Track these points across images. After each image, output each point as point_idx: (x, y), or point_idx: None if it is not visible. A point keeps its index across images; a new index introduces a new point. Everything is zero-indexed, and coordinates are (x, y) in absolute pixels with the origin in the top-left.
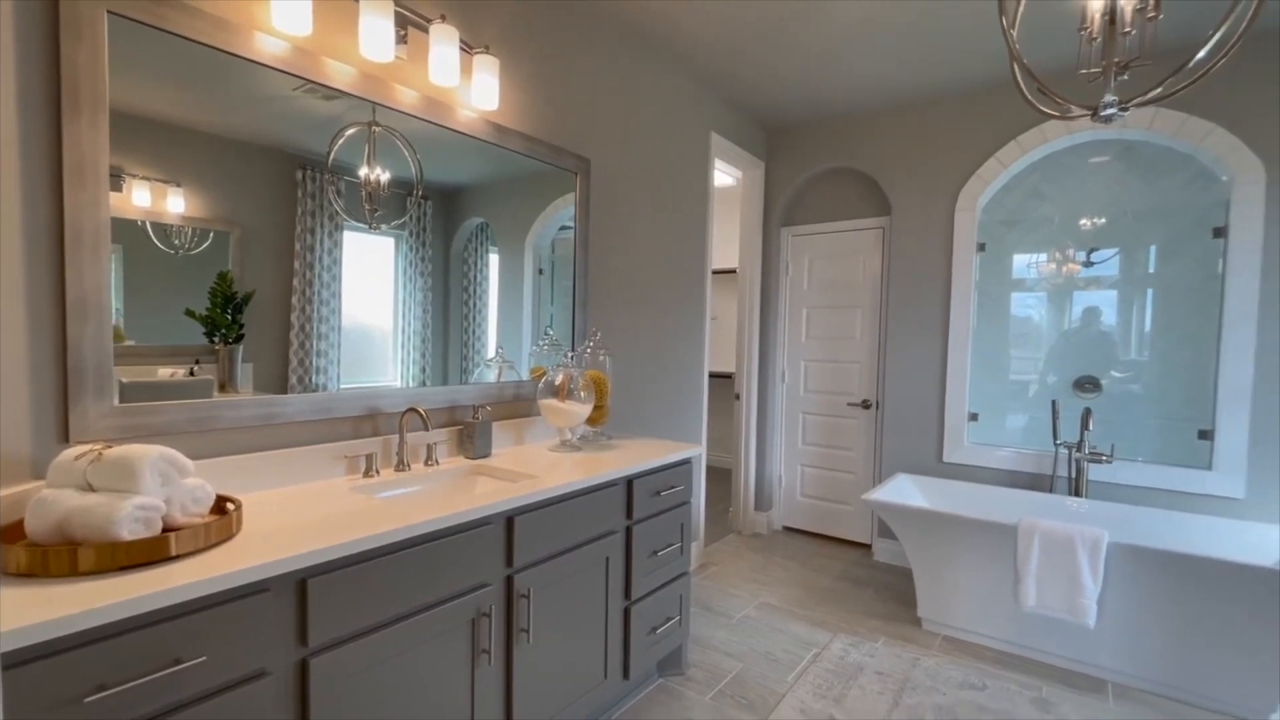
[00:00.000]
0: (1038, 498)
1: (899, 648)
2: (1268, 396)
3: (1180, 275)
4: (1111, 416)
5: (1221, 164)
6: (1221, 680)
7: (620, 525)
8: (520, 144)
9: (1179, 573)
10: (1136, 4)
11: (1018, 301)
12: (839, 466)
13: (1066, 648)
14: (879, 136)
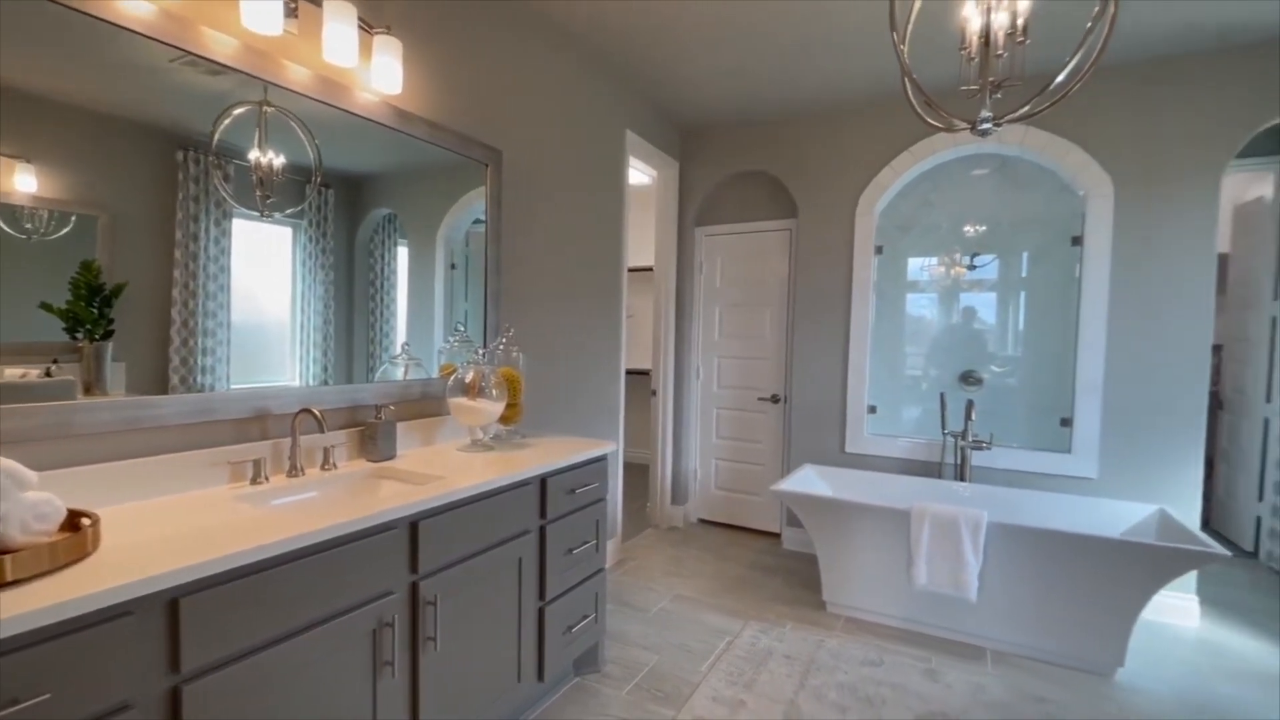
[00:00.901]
0: (929, 483)
1: (806, 631)
2: (1116, 388)
3: (1046, 279)
4: (991, 407)
5: (1078, 179)
6: (1079, 640)
7: (534, 525)
8: (426, 131)
9: (1044, 547)
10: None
11: (911, 301)
12: (750, 459)
13: (952, 620)
14: (787, 142)
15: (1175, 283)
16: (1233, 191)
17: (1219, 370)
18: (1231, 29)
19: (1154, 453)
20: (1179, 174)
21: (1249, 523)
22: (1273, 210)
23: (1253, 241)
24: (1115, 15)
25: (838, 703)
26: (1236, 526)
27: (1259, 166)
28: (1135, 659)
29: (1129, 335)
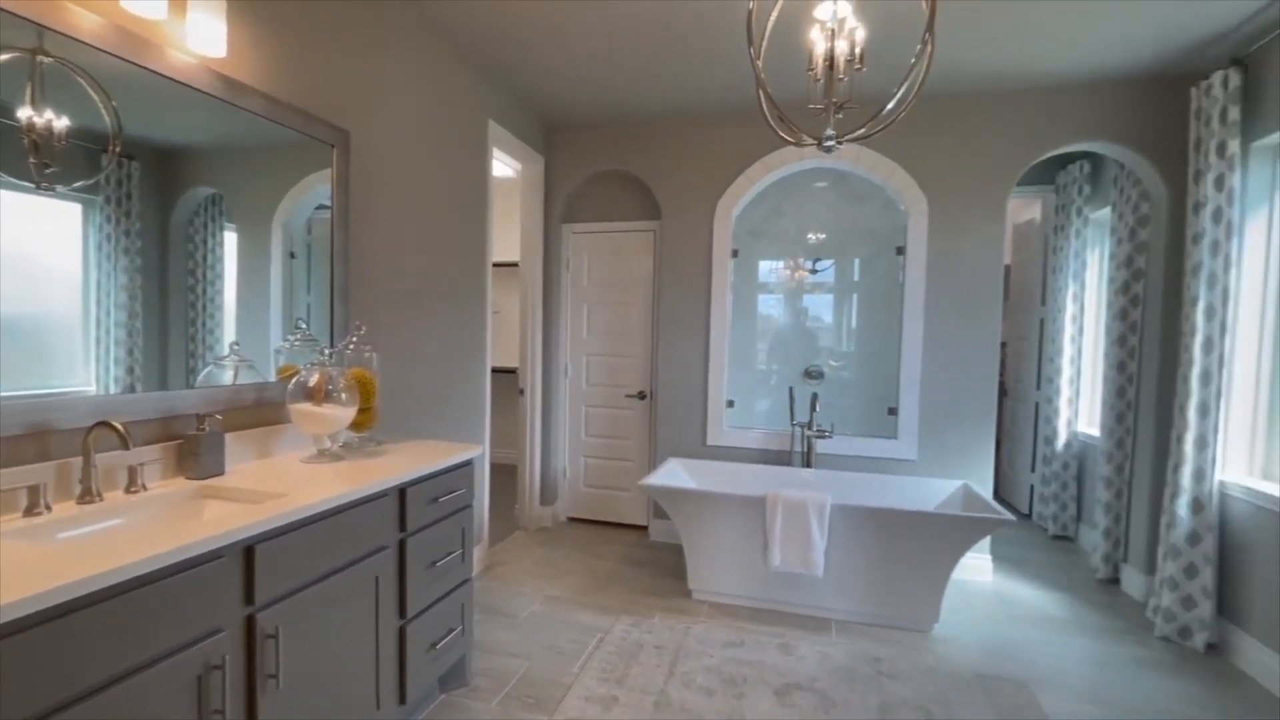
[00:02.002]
0: (780, 471)
1: (674, 620)
2: (932, 380)
3: (875, 283)
4: (831, 399)
5: (901, 196)
6: (904, 604)
7: (392, 539)
8: (260, 105)
9: (875, 523)
10: (847, 56)
11: (762, 302)
12: (618, 455)
13: (803, 596)
14: (651, 145)
15: (975, 289)
16: (1012, 213)
17: (1004, 364)
18: (1014, 76)
19: (959, 435)
20: (978, 196)
21: (1025, 490)
22: (1040, 231)
23: (1027, 256)
24: (932, 53)
25: (705, 686)
26: (1016, 494)
27: (1031, 194)
28: (946, 614)
29: (941, 334)
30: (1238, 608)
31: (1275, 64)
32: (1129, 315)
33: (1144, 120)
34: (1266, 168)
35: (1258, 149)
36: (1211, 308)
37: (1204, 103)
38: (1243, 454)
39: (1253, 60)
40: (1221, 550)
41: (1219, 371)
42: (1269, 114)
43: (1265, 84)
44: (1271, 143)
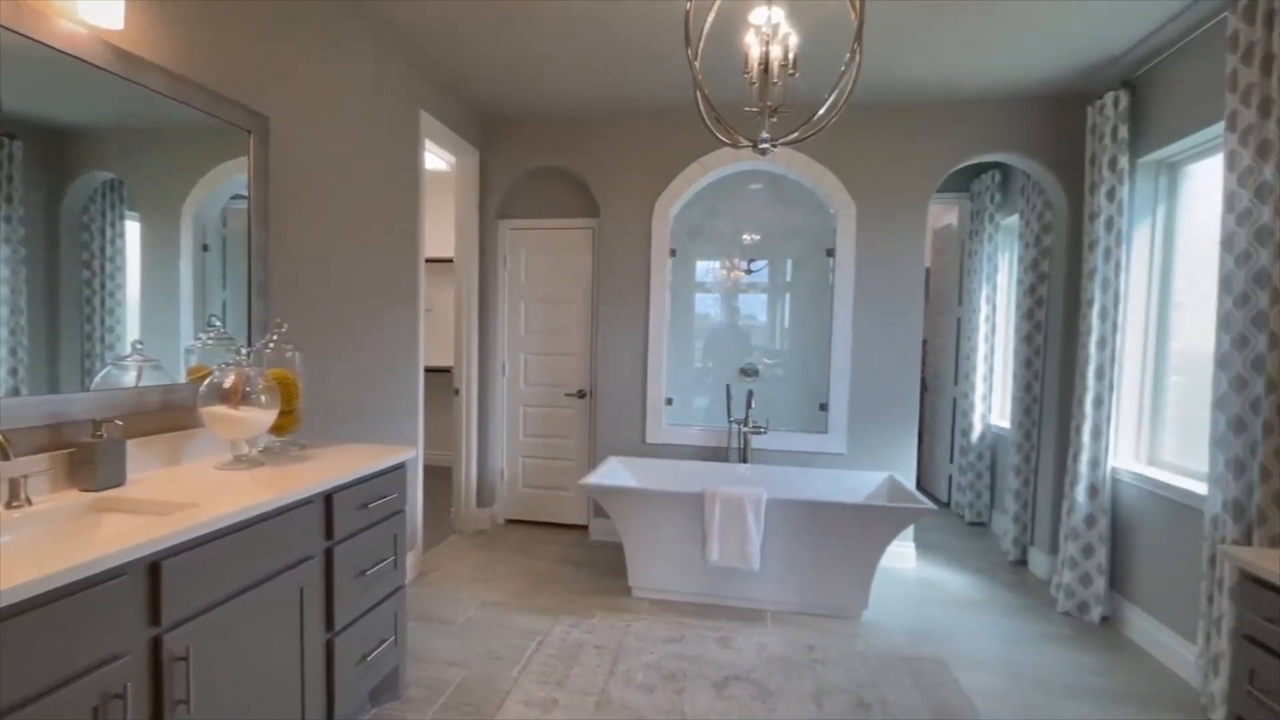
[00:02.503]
0: (718, 467)
1: (614, 618)
2: (860, 376)
3: (807, 284)
4: (766, 396)
5: (831, 199)
6: (835, 592)
7: (318, 548)
8: (162, 82)
9: (808, 516)
10: (781, 61)
11: (699, 301)
12: (558, 455)
13: (740, 590)
14: (590, 142)
15: (899, 290)
16: (932, 219)
17: (925, 361)
18: (935, 88)
19: (885, 429)
20: (901, 201)
21: (944, 480)
22: (957, 236)
23: (945, 259)
24: (860, 62)
25: (645, 683)
26: (936, 484)
27: (949, 200)
28: (874, 601)
29: (868, 333)
30: (1127, 583)
31: (1158, 88)
32: (1035, 315)
33: (1047, 135)
34: (1151, 182)
35: (1144, 164)
36: (1105, 309)
37: (1098, 120)
38: (1131, 442)
39: (1139, 83)
40: (1114, 531)
41: (1111, 367)
42: (1153, 133)
43: (1150, 105)
44: (1155, 159)
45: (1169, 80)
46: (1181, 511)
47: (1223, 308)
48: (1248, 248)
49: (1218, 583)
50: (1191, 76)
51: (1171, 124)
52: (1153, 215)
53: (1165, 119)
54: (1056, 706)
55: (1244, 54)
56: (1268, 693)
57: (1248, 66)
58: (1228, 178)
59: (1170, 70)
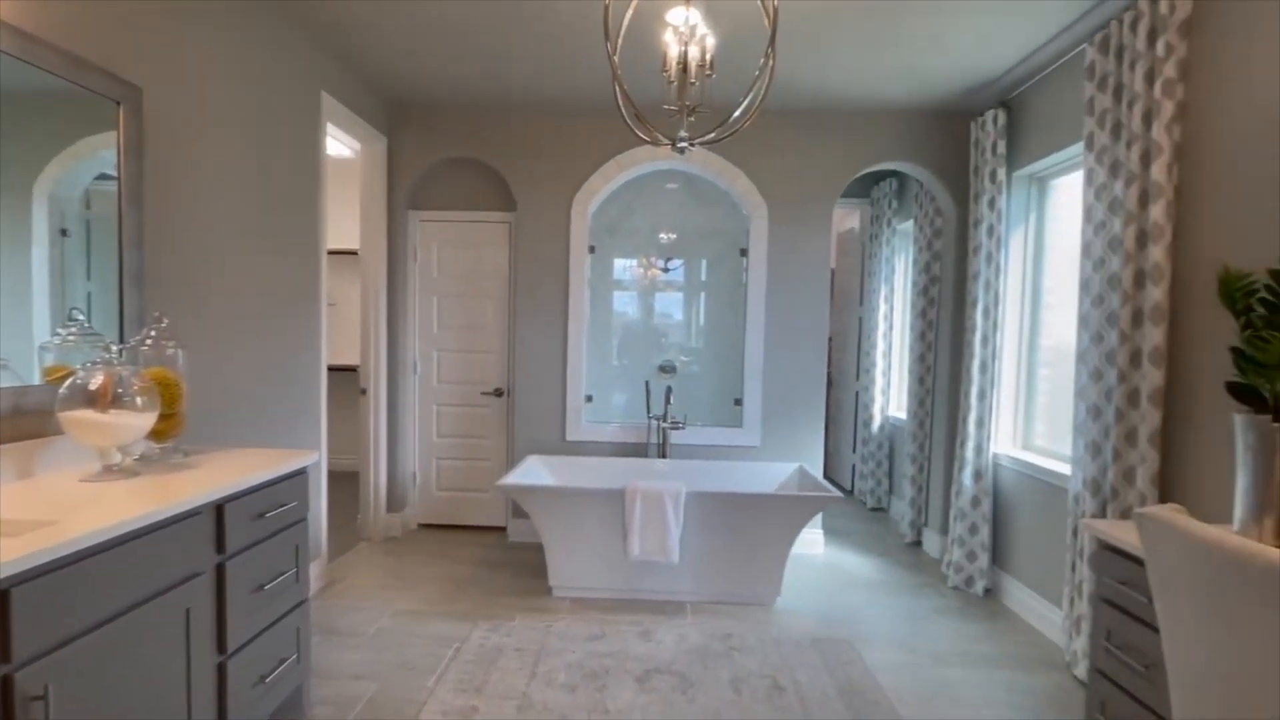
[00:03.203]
0: (637, 463)
1: (534, 619)
2: (772, 372)
3: (721, 283)
4: (684, 392)
5: (745, 201)
6: (750, 581)
7: (207, 564)
8: (14, 43)
9: (724, 508)
10: (699, 61)
11: (617, 298)
12: (474, 455)
13: (660, 583)
14: (506, 134)
15: (807, 290)
16: (836, 222)
17: (831, 357)
18: (841, 98)
19: (795, 422)
20: (809, 205)
21: (848, 469)
22: (859, 239)
23: (848, 261)
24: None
25: (567, 683)
26: (841, 472)
27: (852, 205)
28: (787, 587)
29: (779, 330)
30: (1006, 557)
31: (1029, 109)
32: (928, 314)
33: (937, 147)
34: (1024, 193)
35: (1018, 177)
36: (987, 308)
37: (980, 135)
38: (1009, 429)
39: (1014, 103)
40: (995, 510)
41: (993, 362)
42: (1025, 149)
43: (1023, 124)
44: (1027, 172)
45: (1038, 102)
46: (1050, 490)
47: (1082, 308)
48: (1102, 255)
49: (1079, 552)
50: (1057, 100)
51: (1040, 142)
52: (1026, 224)
53: (1035, 137)
54: (947, 674)
55: (1099, 82)
56: (1122, 648)
57: (1103, 93)
58: (1086, 192)
59: (1039, 94)
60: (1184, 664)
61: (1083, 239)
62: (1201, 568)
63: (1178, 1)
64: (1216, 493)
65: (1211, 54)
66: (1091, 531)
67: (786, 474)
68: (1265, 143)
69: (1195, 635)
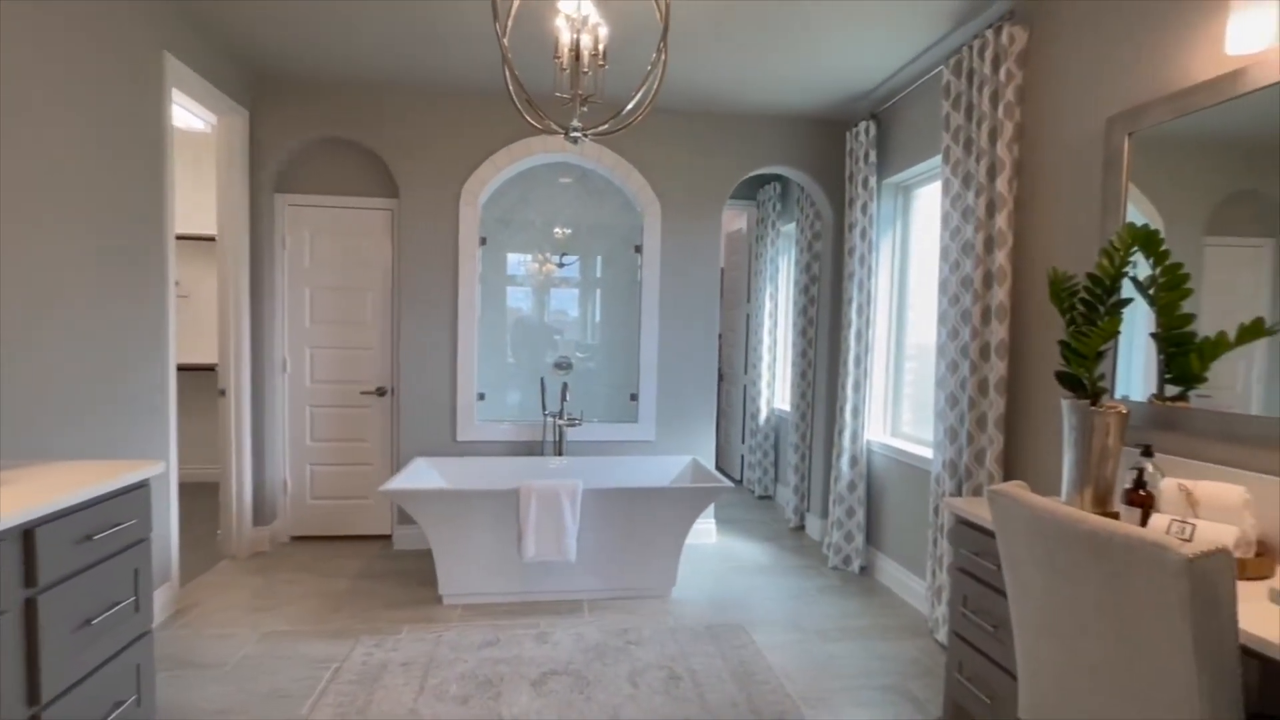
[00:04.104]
0: (533, 461)
1: (422, 631)
2: (667, 367)
3: (616, 279)
4: (580, 388)
5: (638, 198)
6: (647, 574)
7: (14, 601)
8: None
9: (620, 502)
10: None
11: (511, 294)
12: (355, 460)
13: (557, 583)
14: (389, 115)
15: (698, 287)
16: (726, 223)
17: (721, 353)
18: (732, 102)
19: (688, 416)
20: (701, 204)
21: (738, 460)
22: (746, 240)
23: (736, 260)
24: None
25: (459, 695)
26: (732, 463)
27: (739, 207)
28: (682, 577)
29: (673, 326)
30: (879, 536)
31: (896, 122)
32: (809, 312)
33: (817, 153)
34: (891, 200)
35: (887, 185)
36: (860, 306)
37: (854, 145)
38: (880, 417)
39: (883, 116)
40: (869, 493)
41: (866, 356)
42: (892, 160)
43: (890, 136)
44: (894, 181)
45: (904, 116)
46: (915, 473)
47: (941, 306)
48: (957, 258)
49: (940, 528)
50: (919, 115)
51: (905, 153)
52: (894, 229)
53: (901, 148)
54: (830, 649)
55: (954, 101)
56: (976, 612)
57: (957, 112)
58: (943, 201)
59: (905, 108)
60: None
61: (941, 243)
62: (1039, 535)
63: (1016, 34)
64: (1053, 469)
65: (1043, 81)
66: (949, 508)
67: (680, 467)
68: (1084, 161)
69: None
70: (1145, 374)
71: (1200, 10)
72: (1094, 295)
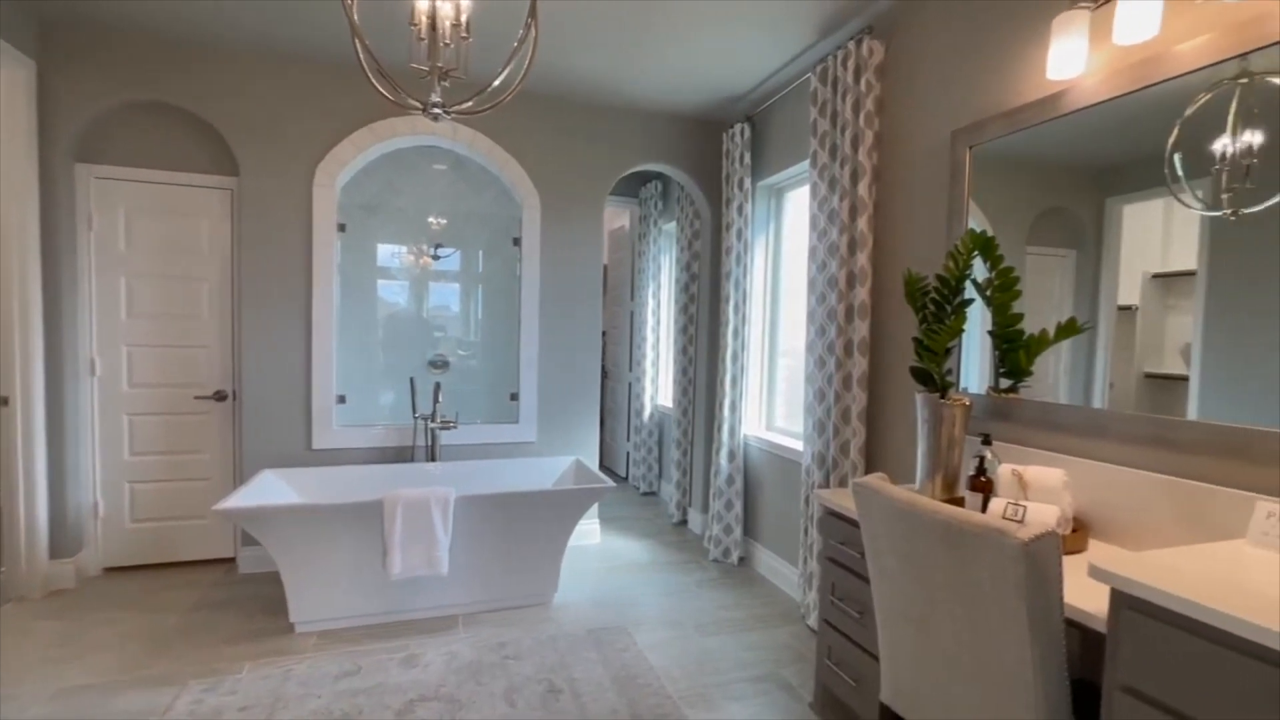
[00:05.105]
0: (403, 468)
1: (268, 667)
2: (549, 365)
3: (496, 273)
4: (458, 388)
5: (517, 189)
6: (528, 581)
7: None
8: None
9: (498, 509)
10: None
11: (383, 288)
12: (188, 475)
13: (428, 599)
14: (226, 79)
15: (581, 283)
16: (608, 219)
17: (605, 350)
18: (614, 95)
19: (571, 415)
20: (582, 198)
21: (623, 457)
22: (629, 237)
23: (619, 257)
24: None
25: None
26: (617, 461)
27: (622, 204)
28: (564, 581)
29: (555, 323)
30: (756, 527)
31: (769, 126)
32: (689, 310)
33: (696, 153)
34: (765, 202)
35: (761, 187)
36: (737, 304)
37: (730, 146)
38: (756, 412)
39: (758, 119)
40: (746, 486)
41: (742, 352)
42: (766, 162)
43: (764, 140)
44: (767, 183)
45: (776, 120)
46: (788, 465)
47: (810, 305)
48: (824, 258)
49: (810, 518)
50: (790, 120)
51: (778, 156)
52: (767, 230)
53: (773, 151)
54: (708, 643)
55: (821, 108)
56: (843, 599)
57: (824, 118)
58: (811, 204)
59: (777, 112)
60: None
61: (809, 244)
62: (897, 524)
63: (874, 47)
64: (910, 458)
65: (899, 94)
66: (818, 499)
67: (563, 468)
68: (934, 170)
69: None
70: (982, 369)
71: (1028, 38)
72: (942, 295)
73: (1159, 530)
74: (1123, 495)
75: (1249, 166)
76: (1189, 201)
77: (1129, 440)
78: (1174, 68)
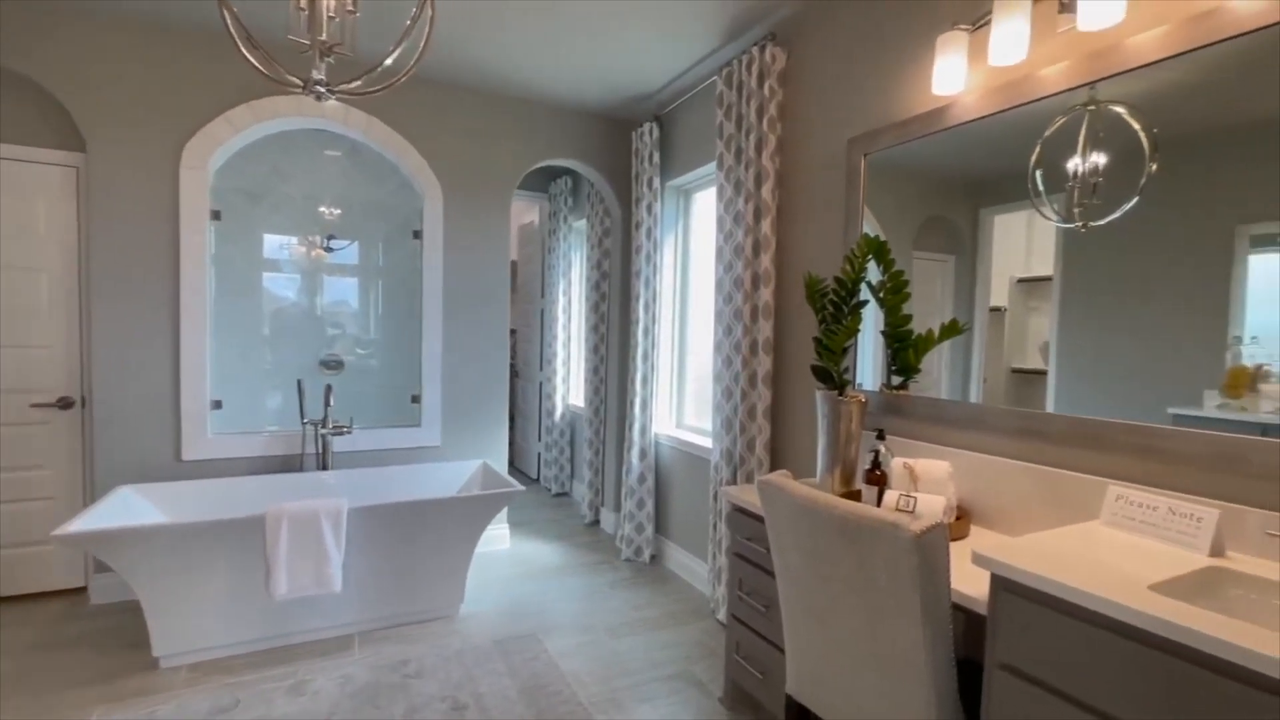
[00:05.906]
0: (289, 479)
1: (126, 710)
2: (453, 365)
3: (396, 267)
4: (354, 390)
5: (417, 179)
6: (431, 594)
7: None
8: None
9: (397, 519)
10: None
11: (271, 281)
12: (25, 495)
13: (319, 619)
14: (69, 39)
15: (487, 280)
16: (517, 214)
17: (515, 349)
18: (522, 87)
19: (478, 417)
20: (487, 192)
21: (534, 458)
22: (539, 233)
23: (529, 253)
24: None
25: None
26: (528, 462)
27: (531, 199)
28: (471, 591)
29: (458, 321)
30: (667, 525)
31: (677, 126)
32: (600, 308)
33: (606, 150)
34: (674, 201)
35: (670, 187)
36: (647, 303)
37: (639, 145)
38: (666, 410)
39: (666, 120)
40: (657, 484)
41: (653, 351)
42: (675, 162)
43: (673, 140)
44: (676, 184)
45: (684, 121)
46: (697, 462)
47: (717, 305)
48: (730, 259)
49: (719, 514)
50: (697, 122)
51: (685, 157)
52: (676, 229)
53: (682, 152)
54: (618, 646)
55: (726, 111)
56: (750, 594)
57: (729, 121)
58: (718, 205)
59: (685, 113)
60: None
61: (716, 245)
62: (801, 521)
63: (777, 54)
64: (811, 453)
65: (800, 100)
66: (726, 496)
67: (469, 472)
68: (832, 176)
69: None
70: (876, 367)
71: (919, 53)
72: (840, 297)
73: (1030, 515)
74: (998, 483)
75: (1096, 184)
76: (1048, 214)
77: (1002, 432)
78: (1037, 90)
